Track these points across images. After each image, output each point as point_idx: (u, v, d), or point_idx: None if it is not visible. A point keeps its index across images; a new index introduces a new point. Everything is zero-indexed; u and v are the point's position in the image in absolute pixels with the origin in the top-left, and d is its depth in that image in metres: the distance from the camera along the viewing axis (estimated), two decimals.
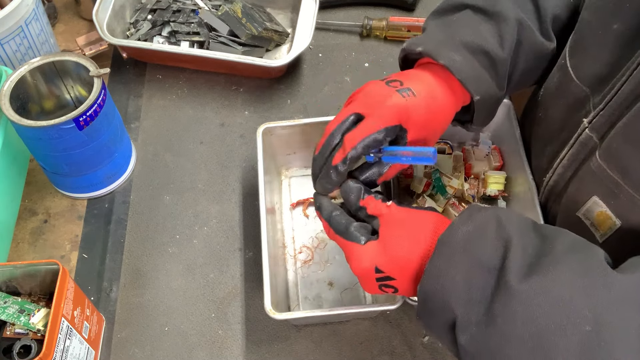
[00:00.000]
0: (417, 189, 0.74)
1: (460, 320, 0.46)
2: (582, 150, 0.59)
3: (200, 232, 0.76)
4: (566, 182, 0.63)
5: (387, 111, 0.53)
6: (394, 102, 0.53)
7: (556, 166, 0.63)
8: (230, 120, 0.86)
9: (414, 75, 0.58)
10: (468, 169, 0.76)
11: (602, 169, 0.55)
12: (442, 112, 0.58)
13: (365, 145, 0.52)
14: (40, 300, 0.63)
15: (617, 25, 0.55)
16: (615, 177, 0.54)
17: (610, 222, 0.56)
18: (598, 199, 0.57)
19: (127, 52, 0.87)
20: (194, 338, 0.69)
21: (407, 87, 0.55)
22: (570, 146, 0.61)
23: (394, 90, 0.54)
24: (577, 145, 0.59)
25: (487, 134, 0.78)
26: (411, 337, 0.68)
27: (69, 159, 0.71)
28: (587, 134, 0.58)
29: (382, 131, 0.52)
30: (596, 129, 0.57)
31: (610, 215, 0.56)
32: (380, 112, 0.53)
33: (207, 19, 0.88)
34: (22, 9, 0.76)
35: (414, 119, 0.54)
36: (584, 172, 0.59)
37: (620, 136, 0.53)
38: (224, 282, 0.72)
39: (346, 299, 0.70)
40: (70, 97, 0.79)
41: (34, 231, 0.76)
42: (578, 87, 0.60)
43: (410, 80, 0.57)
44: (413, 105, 0.54)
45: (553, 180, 0.65)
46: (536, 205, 0.67)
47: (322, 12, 0.96)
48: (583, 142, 0.59)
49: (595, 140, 0.57)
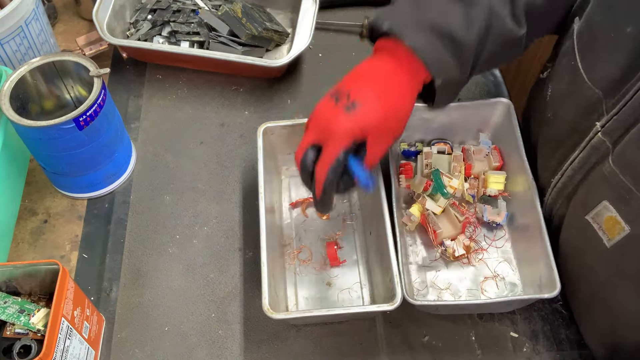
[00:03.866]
0: (417, 189, 0.74)
1: None
2: (594, 154, 0.58)
3: (200, 232, 0.76)
4: (575, 185, 0.62)
5: (338, 135, 0.57)
6: (342, 125, 0.57)
7: (566, 168, 0.63)
8: (230, 120, 0.86)
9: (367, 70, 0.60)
10: (468, 169, 0.76)
11: (614, 175, 0.55)
12: (402, 103, 0.60)
13: (333, 170, 0.58)
14: (40, 300, 0.63)
15: (630, 29, 0.54)
16: (628, 183, 0.53)
17: (619, 227, 0.55)
18: (608, 203, 0.56)
19: (127, 52, 0.87)
20: (194, 338, 0.69)
21: (354, 100, 0.58)
22: (582, 149, 0.60)
23: (340, 110, 0.58)
24: (589, 148, 0.59)
25: (487, 134, 0.78)
26: (411, 337, 0.68)
27: (69, 159, 0.71)
28: (599, 138, 0.57)
29: (341, 154, 0.57)
30: (609, 134, 0.56)
31: (620, 221, 0.55)
32: (333, 139, 0.58)
33: (207, 19, 0.88)
34: (22, 9, 0.76)
35: (365, 128, 0.57)
36: (595, 177, 0.58)
37: (635, 142, 0.52)
38: (224, 282, 0.72)
39: (345, 299, 0.70)
40: (70, 97, 0.79)
41: (34, 231, 0.76)
42: (590, 90, 0.59)
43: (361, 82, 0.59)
44: (361, 117, 0.57)
45: (562, 182, 0.64)
46: (536, 205, 0.67)
47: (322, 12, 0.96)
48: (595, 146, 0.58)
49: (608, 144, 0.56)
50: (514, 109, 0.74)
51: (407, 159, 0.79)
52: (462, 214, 0.72)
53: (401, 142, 0.79)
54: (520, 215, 0.72)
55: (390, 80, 0.59)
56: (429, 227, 0.71)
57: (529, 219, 0.69)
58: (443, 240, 0.71)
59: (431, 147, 0.78)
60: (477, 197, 0.75)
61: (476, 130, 0.79)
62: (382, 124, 0.58)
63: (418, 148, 0.79)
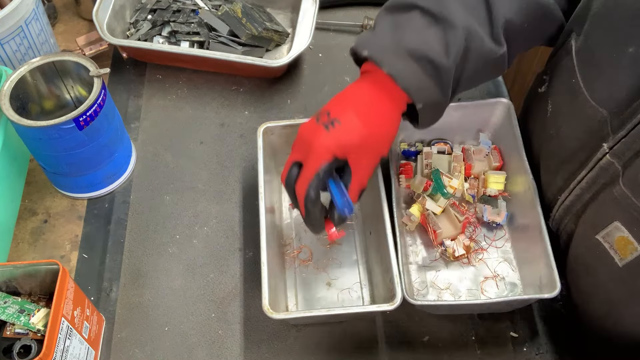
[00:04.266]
0: (417, 189, 0.74)
1: None
2: (603, 174, 0.58)
3: (200, 232, 0.76)
4: (584, 204, 0.61)
5: (317, 151, 0.58)
6: (321, 142, 0.58)
7: (573, 187, 0.62)
8: (230, 120, 0.86)
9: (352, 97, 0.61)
10: (468, 169, 0.76)
11: (625, 197, 0.54)
12: (384, 124, 0.60)
13: (313, 187, 0.58)
14: (40, 300, 0.64)
15: (632, 49, 0.53)
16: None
17: (631, 247, 0.54)
18: (620, 224, 0.55)
19: (127, 52, 0.87)
20: (194, 338, 0.69)
21: (333, 118, 0.59)
22: (590, 169, 0.59)
23: (320, 127, 0.59)
24: (597, 169, 0.58)
25: (487, 134, 0.78)
26: (411, 337, 0.68)
27: (69, 159, 0.71)
28: (607, 160, 0.57)
29: (320, 170, 0.58)
30: (618, 156, 0.55)
31: (632, 242, 0.54)
32: (312, 156, 0.59)
33: (207, 19, 0.88)
34: (22, 9, 0.76)
35: (345, 146, 0.58)
36: (605, 197, 0.58)
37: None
38: (224, 282, 0.72)
39: (345, 299, 0.70)
40: (70, 97, 0.79)
41: (34, 231, 0.76)
42: (594, 109, 0.58)
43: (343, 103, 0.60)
44: (340, 135, 0.58)
45: (569, 201, 0.64)
46: (536, 205, 0.67)
47: (322, 12, 0.96)
48: (604, 167, 0.57)
49: (617, 166, 0.55)
50: (514, 109, 0.74)
51: (407, 159, 0.79)
52: (462, 214, 0.72)
53: (401, 142, 0.79)
54: (520, 215, 0.72)
55: (372, 103, 0.60)
56: (429, 227, 0.71)
57: (529, 219, 0.69)
58: (443, 240, 0.71)
59: (431, 147, 0.78)
60: (477, 197, 0.75)
61: (476, 130, 0.79)
62: (362, 142, 0.59)
63: (418, 148, 0.79)
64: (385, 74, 0.59)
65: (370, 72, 0.61)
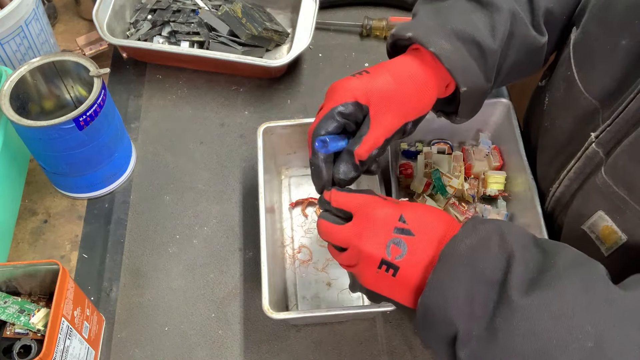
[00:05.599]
0: (417, 189, 0.74)
1: (462, 334, 0.45)
2: (588, 164, 0.58)
3: (200, 232, 0.76)
4: (572, 195, 0.62)
5: (338, 91, 0.55)
6: (344, 84, 0.55)
7: (563, 178, 0.63)
8: (230, 120, 0.86)
9: (389, 62, 0.58)
10: (468, 169, 0.76)
11: (607, 185, 0.54)
12: (419, 90, 0.57)
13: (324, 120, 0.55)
14: (40, 300, 0.64)
15: (625, 41, 0.54)
16: (622, 193, 0.53)
17: (615, 236, 0.55)
18: (603, 213, 0.56)
19: (127, 52, 0.87)
20: (194, 338, 0.69)
21: (364, 70, 0.56)
22: (577, 159, 0.60)
23: (350, 76, 0.56)
24: (584, 159, 0.59)
25: (487, 134, 0.78)
26: (411, 337, 0.68)
27: (69, 159, 0.71)
28: (593, 149, 0.57)
29: (337, 108, 0.54)
30: (602, 145, 0.56)
31: (616, 230, 0.55)
32: (332, 97, 0.56)
33: (207, 19, 0.88)
34: (22, 9, 0.76)
35: (370, 92, 0.55)
36: (589, 187, 0.58)
37: (627, 154, 0.52)
38: (224, 282, 0.72)
39: (345, 299, 0.70)
40: (70, 97, 0.79)
41: (34, 231, 0.76)
42: (587, 100, 0.59)
43: (381, 66, 0.57)
44: (367, 81, 0.55)
45: (559, 192, 0.64)
46: (536, 205, 0.67)
47: (322, 12, 0.96)
48: (589, 157, 0.58)
49: (602, 155, 0.56)
50: (514, 109, 0.74)
51: (407, 159, 0.79)
52: (462, 214, 0.72)
53: (401, 142, 0.79)
54: (520, 215, 0.72)
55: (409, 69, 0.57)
56: None
57: (529, 219, 0.69)
58: None
59: (431, 147, 0.78)
60: (477, 197, 0.75)
61: (476, 130, 0.79)
62: (387, 93, 0.55)
63: (418, 148, 0.79)
64: (429, 55, 0.56)
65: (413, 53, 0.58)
